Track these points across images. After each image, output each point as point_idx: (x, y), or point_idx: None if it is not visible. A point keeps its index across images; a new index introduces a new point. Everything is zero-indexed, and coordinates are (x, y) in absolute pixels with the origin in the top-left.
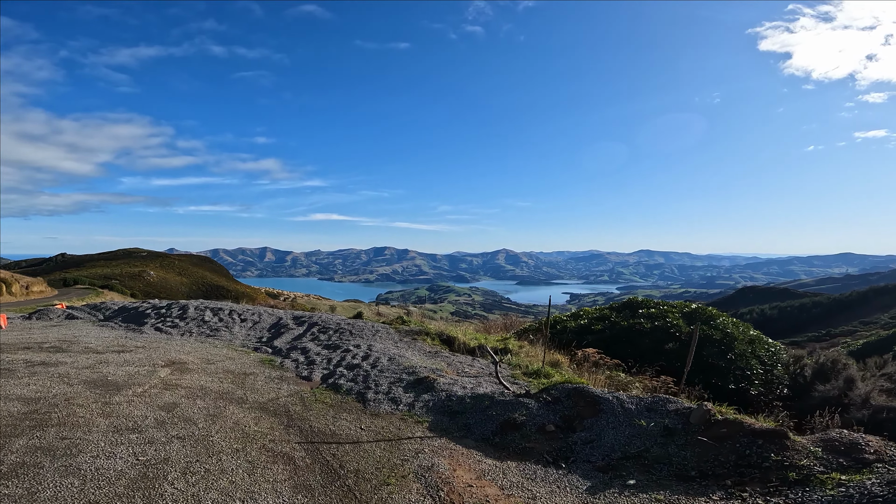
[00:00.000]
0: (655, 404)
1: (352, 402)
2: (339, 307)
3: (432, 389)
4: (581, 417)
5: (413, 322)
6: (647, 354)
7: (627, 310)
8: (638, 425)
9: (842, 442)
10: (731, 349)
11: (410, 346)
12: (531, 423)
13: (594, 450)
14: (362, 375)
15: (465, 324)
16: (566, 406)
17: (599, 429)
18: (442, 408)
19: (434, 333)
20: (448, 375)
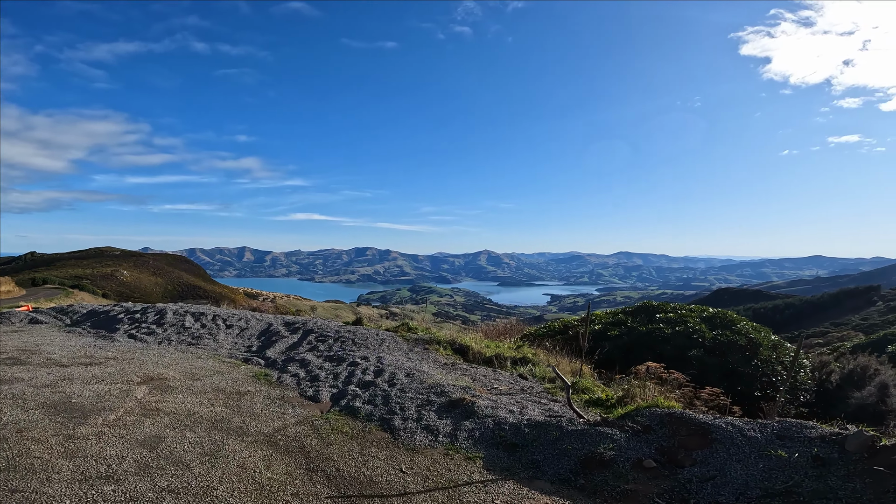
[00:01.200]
0: (787, 431)
1: (377, 432)
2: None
3: (473, 415)
4: (686, 449)
5: (420, 329)
6: (670, 362)
7: (643, 314)
8: (775, 456)
9: None
10: (756, 355)
11: (423, 357)
12: (622, 458)
13: (719, 488)
14: (381, 396)
15: (471, 331)
16: (662, 436)
17: (718, 462)
18: (493, 439)
19: (446, 342)
20: (484, 395)
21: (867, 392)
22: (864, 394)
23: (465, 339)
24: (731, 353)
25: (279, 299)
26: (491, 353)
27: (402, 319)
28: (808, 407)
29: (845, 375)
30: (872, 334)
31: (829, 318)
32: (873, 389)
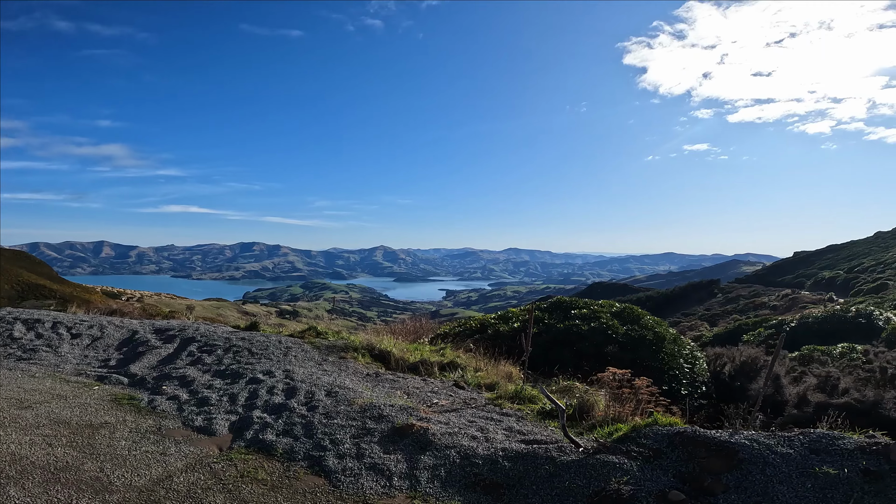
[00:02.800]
0: (818, 444)
1: (307, 477)
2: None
3: (430, 446)
4: (711, 474)
5: (331, 334)
6: (588, 358)
7: (558, 311)
8: (822, 474)
9: None
10: (662, 349)
11: (341, 368)
12: (643, 493)
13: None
14: (301, 424)
15: (384, 332)
16: (676, 460)
17: (757, 486)
18: (465, 479)
19: (363, 348)
20: (432, 417)
21: (762, 383)
22: (759, 385)
23: (385, 344)
24: (641, 348)
25: (147, 298)
26: (415, 359)
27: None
28: (706, 398)
29: (738, 367)
30: (715, 324)
31: (680, 308)
32: (769, 381)
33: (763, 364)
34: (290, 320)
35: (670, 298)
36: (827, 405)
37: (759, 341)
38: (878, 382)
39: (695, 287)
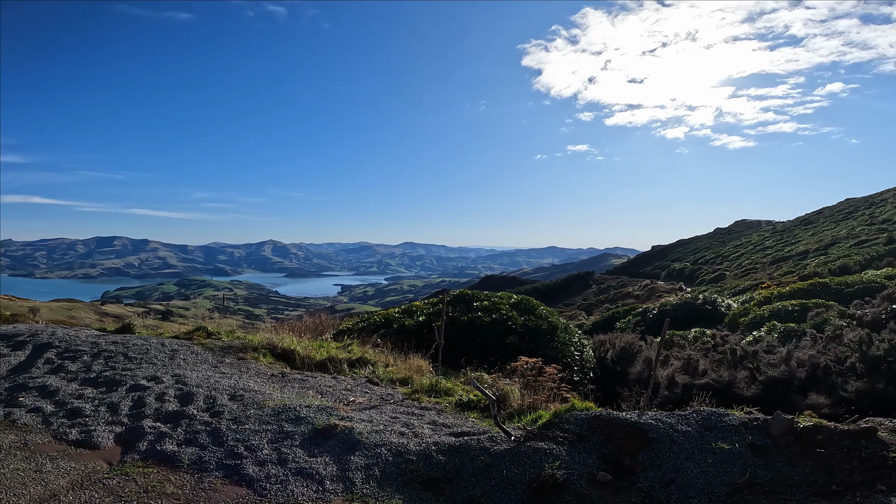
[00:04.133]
0: (709, 420)
1: (227, 488)
2: (46, 308)
3: (358, 445)
4: (628, 454)
5: (224, 334)
6: (491, 349)
7: (461, 304)
8: (718, 450)
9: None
10: (555, 338)
11: (241, 369)
12: (575, 476)
13: (686, 490)
14: (205, 431)
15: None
16: (597, 442)
17: (669, 463)
18: (402, 476)
19: (263, 347)
20: (354, 416)
21: (640, 367)
22: (638, 368)
23: (287, 342)
24: (538, 337)
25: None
26: (322, 357)
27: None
28: (594, 383)
29: (618, 353)
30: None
31: (562, 299)
32: (643, 364)
33: (639, 349)
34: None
35: (554, 289)
36: (692, 385)
37: (629, 328)
38: (730, 363)
39: (574, 279)
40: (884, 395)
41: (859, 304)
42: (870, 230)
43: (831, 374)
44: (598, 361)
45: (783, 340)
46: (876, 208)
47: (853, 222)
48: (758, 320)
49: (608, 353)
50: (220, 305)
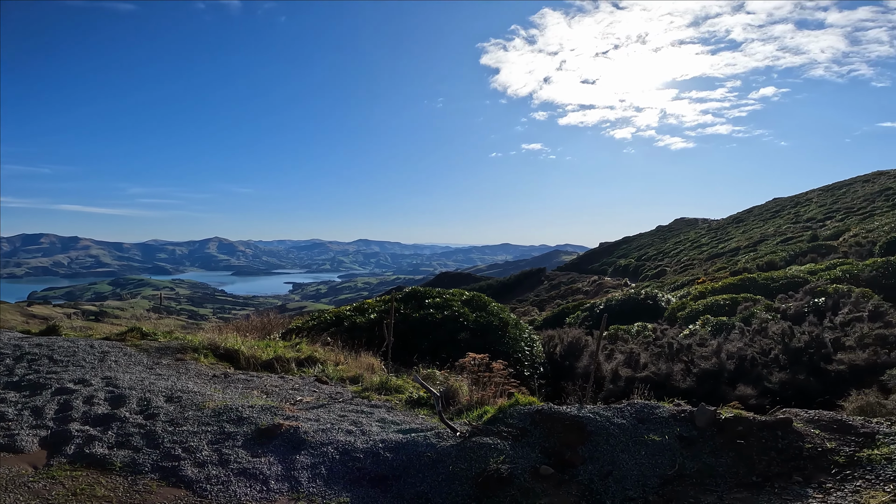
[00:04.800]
0: (642, 413)
1: (163, 490)
2: None
3: (304, 444)
4: (569, 447)
5: (161, 334)
6: (443, 346)
7: (413, 301)
8: (650, 441)
9: (820, 420)
10: (506, 333)
11: (179, 370)
12: (519, 470)
13: (622, 482)
14: (139, 434)
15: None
16: (539, 436)
17: (606, 456)
18: (350, 474)
19: (205, 348)
20: (301, 415)
21: (586, 361)
22: (584, 363)
23: (231, 342)
24: (489, 333)
25: None
26: (269, 356)
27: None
28: (544, 378)
29: (566, 347)
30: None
31: (516, 295)
32: (589, 359)
33: (585, 344)
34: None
35: (508, 286)
36: (634, 379)
37: (578, 323)
38: (668, 357)
39: (527, 275)
40: (805, 386)
41: (784, 298)
42: (795, 228)
43: (757, 366)
44: (547, 356)
45: (715, 333)
46: (801, 207)
47: (780, 220)
48: (693, 314)
49: (557, 348)
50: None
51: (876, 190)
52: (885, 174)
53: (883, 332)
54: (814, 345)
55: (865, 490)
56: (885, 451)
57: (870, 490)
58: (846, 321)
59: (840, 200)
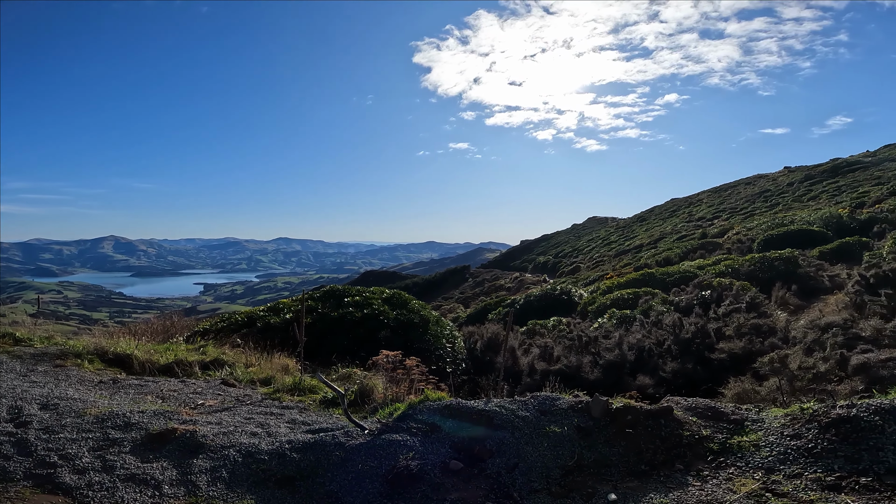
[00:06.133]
0: (544, 405)
1: (37, 497)
2: None
3: (202, 448)
4: (477, 440)
5: (37, 339)
6: (363, 344)
7: (332, 299)
8: (551, 433)
9: (697, 408)
10: (427, 331)
11: (59, 377)
12: (429, 465)
13: (527, 474)
14: (8, 442)
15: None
16: (449, 431)
17: (513, 449)
18: (253, 476)
19: (90, 353)
20: (199, 419)
21: (505, 357)
22: (503, 358)
23: (122, 346)
24: (410, 331)
25: None
26: (168, 360)
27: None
28: (466, 374)
29: (486, 343)
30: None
31: (441, 292)
32: (508, 353)
33: (503, 339)
34: None
35: (433, 283)
36: (548, 371)
37: (499, 319)
38: (578, 349)
39: (451, 273)
40: (693, 374)
41: (677, 292)
42: (688, 226)
43: (654, 356)
44: (469, 352)
45: (619, 326)
46: (693, 207)
47: (676, 219)
48: (602, 308)
49: (477, 344)
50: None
51: (756, 192)
52: (764, 177)
53: (757, 322)
54: (700, 335)
55: (737, 477)
56: (753, 438)
57: (741, 477)
58: (727, 312)
59: (726, 201)
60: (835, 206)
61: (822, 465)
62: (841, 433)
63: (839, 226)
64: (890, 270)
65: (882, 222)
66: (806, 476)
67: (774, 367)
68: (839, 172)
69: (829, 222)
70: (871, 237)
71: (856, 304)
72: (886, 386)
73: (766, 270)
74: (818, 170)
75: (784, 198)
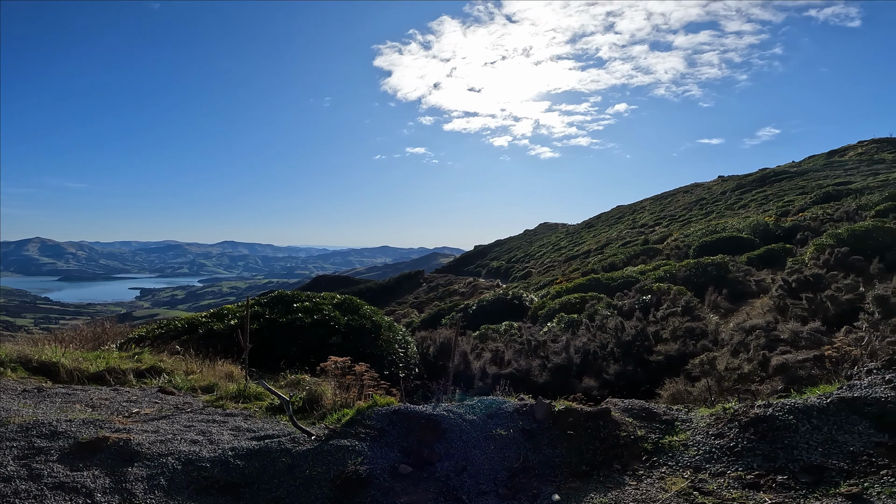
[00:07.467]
0: (491, 408)
1: None
2: None
3: (137, 456)
4: (426, 445)
5: None
6: (313, 350)
7: (281, 305)
8: (498, 436)
9: (633, 409)
10: (380, 337)
11: None
12: (378, 470)
13: (475, 477)
14: None
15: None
16: (398, 436)
17: (461, 452)
18: (194, 483)
19: (11, 360)
20: (134, 427)
21: (457, 360)
22: (455, 362)
23: (48, 354)
24: (362, 337)
25: None
26: (99, 368)
27: None
28: (419, 378)
29: (439, 348)
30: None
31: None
32: (460, 358)
33: (456, 344)
34: None
35: (387, 288)
36: (500, 375)
37: (452, 324)
38: (528, 353)
39: (406, 277)
40: (634, 376)
41: (620, 296)
42: (632, 233)
43: (598, 359)
44: (422, 357)
45: (566, 330)
46: (637, 214)
47: (621, 226)
48: (551, 312)
49: (430, 349)
50: None
51: (693, 200)
52: (700, 186)
53: (691, 325)
54: (640, 338)
55: (669, 476)
56: (682, 438)
57: (672, 476)
58: (665, 316)
59: (666, 209)
60: (762, 215)
61: (742, 464)
62: (759, 432)
63: (766, 233)
64: (811, 275)
65: (805, 230)
66: (728, 474)
67: (704, 368)
68: (767, 182)
69: (757, 230)
70: (794, 244)
71: (779, 308)
72: (803, 386)
73: (700, 275)
74: (748, 179)
75: (717, 206)
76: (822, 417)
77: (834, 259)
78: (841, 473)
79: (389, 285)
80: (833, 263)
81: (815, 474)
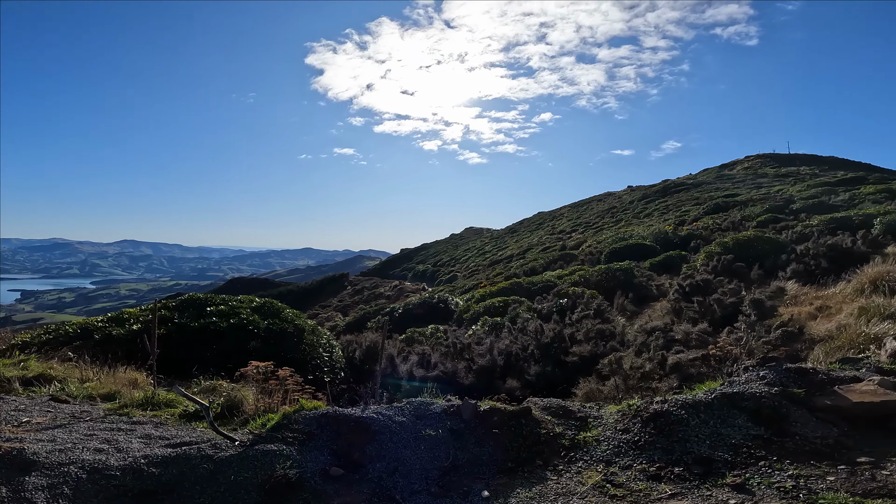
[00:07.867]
0: (419, 410)
1: None
2: None
3: (34, 466)
4: (357, 447)
5: None
6: (231, 356)
7: (192, 308)
8: (427, 436)
9: (551, 407)
10: (302, 341)
11: None
12: (308, 473)
13: (407, 477)
14: None
15: None
16: (328, 439)
17: (392, 453)
18: (104, 492)
19: None
20: (26, 437)
21: (384, 364)
22: (382, 365)
23: None
24: (284, 341)
25: None
26: None
27: None
28: (345, 383)
29: (365, 352)
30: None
31: (318, 301)
32: (387, 361)
33: (382, 347)
34: None
35: (309, 291)
36: (427, 378)
37: (378, 327)
38: (454, 356)
39: (330, 280)
40: (552, 376)
41: (540, 299)
42: (551, 239)
43: (520, 361)
44: (348, 361)
45: (490, 333)
46: (556, 221)
47: (542, 232)
48: (476, 315)
49: (356, 353)
50: None
51: (605, 208)
52: (612, 195)
53: (602, 327)
54: (557, 340)
55: (585, 471)
56: (595, 434)
57: (587, 470)
58: (579, 318)
59: (582, 216)
60: (663, 223)
61: (645, 457)
62: (658, 427)
63: (665, 240)
64: (701, 280)
65: (697, 238)
66: (635, 467)
67: (613, 367)
68: (668, 193)
69: (659, 237)
70: (689, 251)
71: (675, 310)
72: (694, 383)
73: (610, 280)
74: (652, 190)
75: (626, 214)
76: (708, 412)
77: (721, 265)
78: (726, 465)
79: (312, 288)
80: (720, 269)
81: (705, 465)
